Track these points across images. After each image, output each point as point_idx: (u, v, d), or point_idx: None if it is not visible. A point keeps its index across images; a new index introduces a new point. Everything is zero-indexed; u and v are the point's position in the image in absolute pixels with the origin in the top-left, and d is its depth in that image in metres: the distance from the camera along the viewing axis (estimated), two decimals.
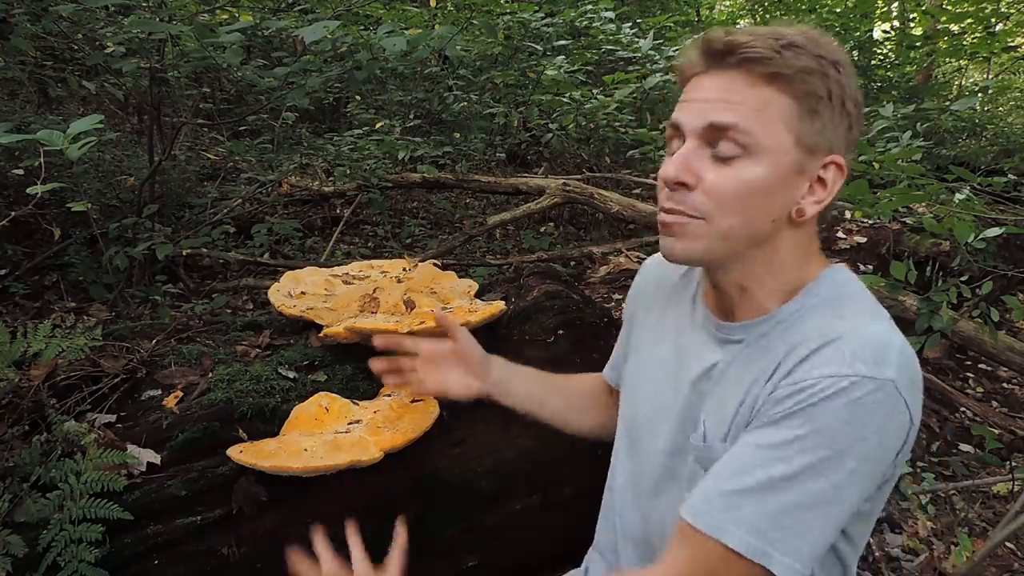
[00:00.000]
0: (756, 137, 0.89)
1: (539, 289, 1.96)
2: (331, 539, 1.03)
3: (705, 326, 1.08)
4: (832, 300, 0.96)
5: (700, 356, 1.06)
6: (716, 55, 0.92)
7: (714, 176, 0.91)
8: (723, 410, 0.99)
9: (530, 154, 6.67)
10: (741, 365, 0.99)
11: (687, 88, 0.96)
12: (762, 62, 0.88)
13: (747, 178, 0.90)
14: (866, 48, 8.18)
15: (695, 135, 0.92)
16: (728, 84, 0.90)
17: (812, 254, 1.00)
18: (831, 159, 0.93)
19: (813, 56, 0.89)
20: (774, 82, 0.89)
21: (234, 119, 4.60)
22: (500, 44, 5.21)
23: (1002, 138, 8.04)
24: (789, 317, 0.97)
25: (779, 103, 0.89)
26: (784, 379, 0.89)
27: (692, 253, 0.95)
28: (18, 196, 3.34)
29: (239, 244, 4.32)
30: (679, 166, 0.91)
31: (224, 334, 1.83)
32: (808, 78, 0.89)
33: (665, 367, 1.12)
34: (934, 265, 3.58)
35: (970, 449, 3.03)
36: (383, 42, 2.63)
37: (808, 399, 0.85)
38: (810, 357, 0.88)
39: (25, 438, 1.36)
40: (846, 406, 0.82)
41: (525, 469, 1.63)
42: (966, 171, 2.64)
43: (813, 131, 0.91)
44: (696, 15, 9.41)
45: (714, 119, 0.90)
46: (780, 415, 0.87)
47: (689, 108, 0.93)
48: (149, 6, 3.02)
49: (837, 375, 0.84)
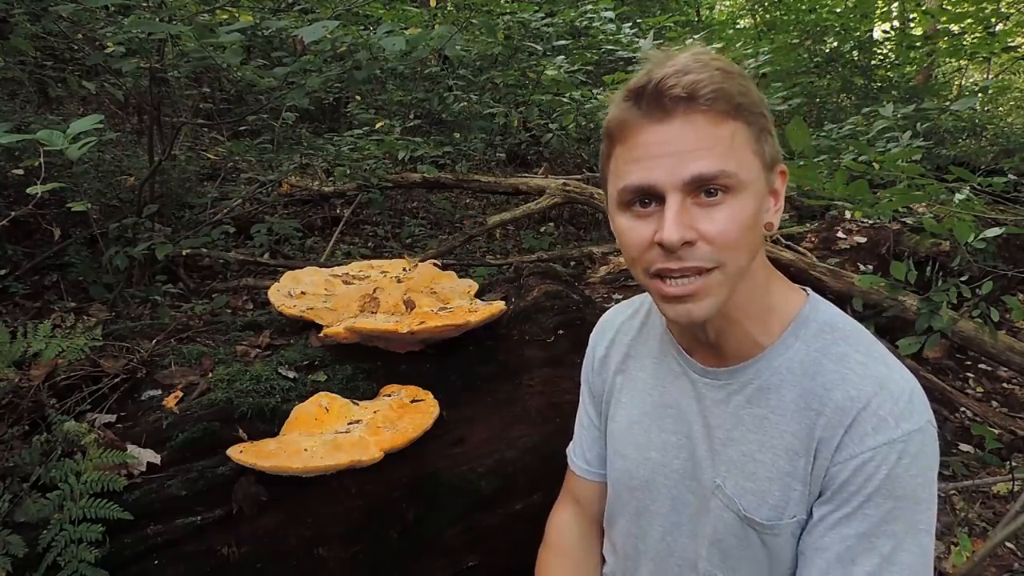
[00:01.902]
0: (738, 176, 0.88)
1: (539, 289, 1.96)
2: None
3: (686, 373, 1.07)
4: (830, 343, 0.97)
5: (692, 410, 1.06)
6: (674, 102, 0.86)
7: (710, 225, 0.88)
8: (754, 480, 0.98)
9: (530, 154, 6.67)
10: (753, 425, 0.99)
11: (636, 143, 0.89)
12: (724, 98, 0.86)
13: (741, 216, 0.89)
14: (866, 48, 8.18)
15: (676, 190, 0.87)
16: (695, 129, 0.86)
17: (768, 264, 1.02)
18: (780, 168, 0.96)
19: (737, 76, 0.89)
20: (734, 115, 0.88)
21: (234, 119, 4.60)
22: (500, 44, 5.21)
23: (1002, 138, 8.04)
24: (789, 362, 0.98)
25: (741, 133, 0.89)
26: (835, 454, 0.92)
27: (715, 307, 0.92)
28: (18, 196, 3.34)
29: (239, 244, 4.32)
30: (680, 226, 0.86)
31: (224, 334, 1.83)
32: (750, 101, 0.89)
33: (655, 423, 1.11)
34: (934, 265, 3.58)
35: (970, 449, 3.03)
36: (382, 42, 2.63)
37: (876, 472, 0.90)
38: (853, 427, 0.91)
39: (25, 438, 1.36)
40: (911, 464, 0.90)
41: (525, 469, 1.63)
42: (966, 171, 2.64)
43: (768, 149, 0.93)
44: (696, 15, 9.41)
45: (697, 171, 0.86)
46: (859, 502, 0.91)
47: (660, 165, 0.87)
48: (149, 6, 3.02)
49: (891, 441, 0.89)
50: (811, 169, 2.55)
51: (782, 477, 0.96)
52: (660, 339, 1.14)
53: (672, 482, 1.08)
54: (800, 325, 1.00)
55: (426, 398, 1.58)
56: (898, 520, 0.90)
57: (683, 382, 1.08)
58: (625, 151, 0.91)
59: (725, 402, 1.02)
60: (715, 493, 1.02)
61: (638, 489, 1.13)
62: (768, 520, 0.97)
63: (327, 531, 1.43)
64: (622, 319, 1.24)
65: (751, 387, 1.00)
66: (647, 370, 1.14)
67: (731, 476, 1.00)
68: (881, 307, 3.10)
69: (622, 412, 1.17)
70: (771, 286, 1.02)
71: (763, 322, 1.00)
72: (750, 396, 1.00)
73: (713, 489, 1.02)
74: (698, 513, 1.05)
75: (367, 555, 1.47)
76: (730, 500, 1.00)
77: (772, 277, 1.03)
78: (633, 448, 1.13)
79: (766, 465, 0.97)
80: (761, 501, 0.97)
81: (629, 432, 1.15)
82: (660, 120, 0.87)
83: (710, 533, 1.03)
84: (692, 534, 1.07)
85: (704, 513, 1.04)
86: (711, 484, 1.03)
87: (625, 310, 1.26)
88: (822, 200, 3.93)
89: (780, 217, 0.98)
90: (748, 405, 1.00)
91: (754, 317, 0.99)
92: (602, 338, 1.25)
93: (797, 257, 3.51)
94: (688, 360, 1.07)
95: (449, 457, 1.59)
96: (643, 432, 1.12)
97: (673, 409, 1.09)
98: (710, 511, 1.03)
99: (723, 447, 1.02)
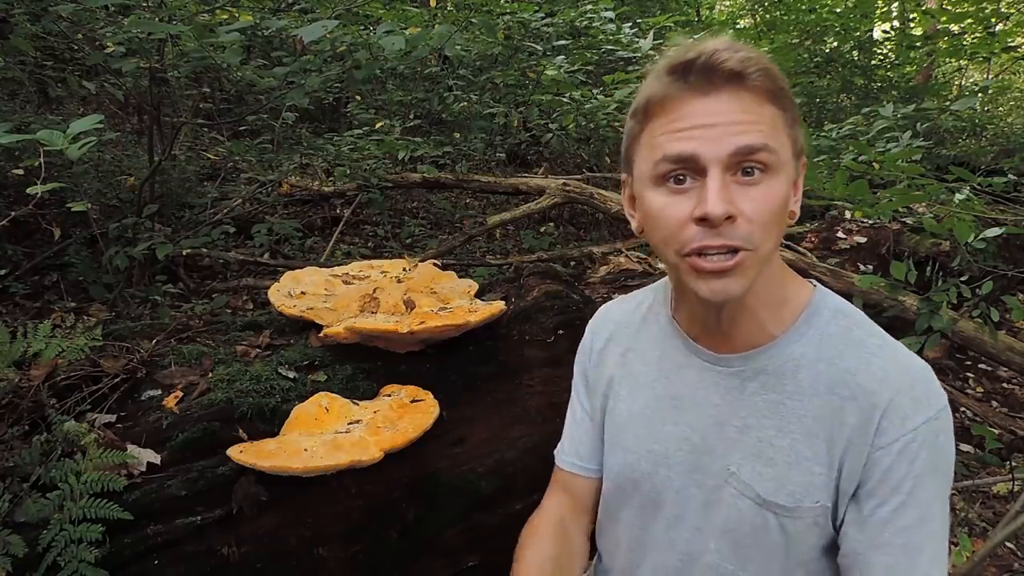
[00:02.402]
0: (778, 154, 0.88)
1: (539, 289, 1.96)
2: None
3: (693, 363, 1.07)
4: (845, 329, 0.99)
5: (700, 400, 1.05)
6: (726, 76, 0.86)
7: (749, 203, 0.87)
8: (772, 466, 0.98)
9: (530, 154, 6.67)
10: (769, 411, 0.99)
11: (678, 115, 0.88)
12: (770, 79, 0.88)
13: (777, 197, 0.89)
14: (866, 48, 8.18)
15: (719, 163, 0.86)
16: (742, 105, 0.87)
17: (779, 257, 1.03)
18: (803, 160, 0.98)
19: (774, 66, 0.91)
20: (774, 98, 0.89)
21: (234, 119, 4.59)
22: (500, 44, 5.21)
23: (1002, 138, 8.04)
24: (804, 347, 0.98)
25: (780, 117, 0.90)
26: (876, 438, 0.93)
27: (747, 286, 0.91)
28: (18, 196, 3.35)
29: (239, 244, 4.32)
30: (724, 199, 0.85)
31: (224, 334, 1.83)
32: (788, 89, 0.92)
33: (657, 414, 1.10)
34: (934, 265, 3.58)
35: (970, 449, 3.03)
36: (382, 41, 2.63)
37: (919, 453, 0.92)
38: (891, 410, 0.92)
39: (25, 438, 1.36)
40: (947, 440, 0.94)
41: (525, 469, 1.63)
42: (966, 171, 2.64)
43: (800, 138, 0.94)
44: (696, 15, 9.41)
45: (742, 143, 0.86)
46: (909, 487, 0.92)
47: (704, 136, 0.86)
48: (149, 6, 3.02)
49: (927, 419, 0.92)
50: (811, 169, 2.55)
51: (802, 462, 0.96)
52: (664, 331, 1.13)
53: (676, 474, 1.07)
54: (813, 313, 1.00)
55: (426, 398, 1.58)
56: (939, 498, 0.93)
57: (689, 373, 1.07)
58: (664, 124, 0.90)
59: (739, 389, 1.01)
60: (728, 481, 1.01)
61: (639, 482, 1.11)
62: (790, 503, 0.97)
63: (327, 531, 1.43)
64: (623, 313, 1.22)
65: (765, 374, 1.00)
66: (650, 363, 1.13)
67: (747, 463, 0.99)
68: (881, 307, 3.10)
69: (622, 405, 1.16)
70: (784, 277, 1.03)
71: (776, 311, 1.00)
72: (764, 382, 1.00)
73: (726, 477, 1.01)
74: (705, 505, 1.04)
75: (367, 555, 1.47)
76: (746, 486, 0.99)
77: (785, 269, 1.04)
78: (634, 441, 1.12)
79: (784, 451, 0.97)
80: (780, 486, 0.97)
81: (630, 425, 1.14)
82: (707, 93, 0.87)
83: (721, 524, 1.02)
84: (697, 527, 1.05)
85: (713, 504, 1.03)
86: (723, 473, 1.01)
87: (627, 304, 1.24)
88: (822, 200, 3.92)
89: (798, 208, 0.99)
90: (763, 391, 0.99)
91: (769, 306, 0.99)
92: (602, 329, 1.24)
93: (797, 257, 3.51)
94: (696, 349, 1.06)
95: (449, 457, 1.59)
96: (645, 425, 1.11)
97: (678, 401, 1.08)
98: (721, 501, 1.02)
99: (739, 434, 1.01)
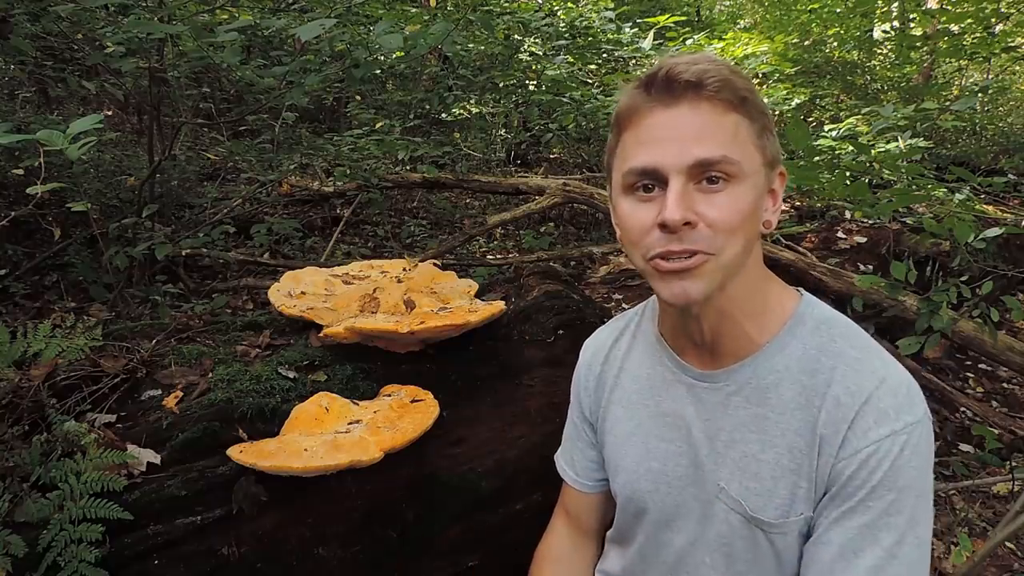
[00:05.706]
0: (740, 165, 0.90)
1: (539, 289, 1.96)
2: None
3: (680, 379, 1.07)
4: (827, 340, 0.98)
5: (690, 416, 1.06)
6: (683, 87, 0.89)
7: (710, 209, 0.89)
8: (758, 480, 0.99)
9: (530, 154, 6.68)
10: (754, 425, 0.99)
11: (643, 125, 0.92)
12: (729, 89, 0.89)
13: (740, 204, 0.90)
14: (866, 48, 8.18)
15: (680, 173, 0.89)
16: (700, 116, 0.89)
17: (764, 267, 1.04)
18: (780, 169, 0.99)
19: (743, 77, 0.93)
20: (739, 107, 0.91)
21: (234, 119, 4.59)
22: (500, 44, 5.21)
23: (1002, 138, 8.04)
24: (787, 359, 0.98)
25: (744, 126, 0.92)
26: (840, 450, 0.93)
27: (709, 289, 0.92)
28: (18, 196, 3.35)
29: (239, 244, 4.32)
30: (682, 206, 0.88)
31: (224, 334, 1.83)
32: (754, 98, 0.93)
33: (652, 432, 1.11)
34: (934, 265, 3.58)
35: (970, 449, 3.03)
36: (380, 39, 2.62)
37: (879, 465, 0.91)
38: (856, 421, 0.92)
39: (25, 438, 1.36)
40: (912, 456, 0.91)
41: (525, 469, 1.63)
42: (966, 171, 2.64)
43: (770, 147, 0.95)
44: (696, 15, 9.41)
45: (701, 155, 0.88)
46: (862, 495, 0.92)
47: (665, 148, 0.90)
48: (149, 6, 3.02)
49: (892, 433, 0.91)
50: (811, 169, 2.55)
51: (787, 475, 0.96)
52: (652, 348, 1.14)
53: (675, 490, 1.08)
54: (796, 323, 1.00)
55: (426, 398, 1.58)
56: (900, 512, 0.91)
57: (678, 388, 1.08)
58: (632, 135, 0.94)
59: (724, 404, 1.02)
60: (719, 496, 1.02)
61: (642, 500, 1.12)
62: (775, 519, 0.97)
63: (327, 531, 1.43)
64: (613, 338, 1.24)
65: (749, 387, 1.00)
66: (640, 381, 1.15)
67: (735, 478, 1.00)
68: (881, 307, 3.10)
69: (619, 426, 1.17)
70: (768, 287, 1.03)
71: (759, 321, 1.01)
72: (748, 396, 1.00)
73: (717, 492, 1.02)
74: (702, 519, 1.05)
75: (367, 555, 1.46)
76: (735, 502, 1.00)
77: (769, 279, 1.04)
78: (632, 460, 1.13)
79: (770, 464, 0.98)
80: (767, 501, 0.98)
81: (627, 444, 1.15)
82: (668, 104, 0.90)
83: (715, 538, 1.03)
84: (694, 542, 1.06)
85: (708, 519, 1.04)
86: (714, 488, 1.02)
87: (615, 327, 1.26)
88: (822, 200, 3.93)
89: (779, 218, 1.00)
90: (747, 405, 1.00)
91: (751, 316, 1.00)
92: (595, 359, 1.25)
93: (797, 257, 3.51)
94: (682, 365, 1.07)
95: (449, 457, 1.59)
96: (641, 443, 1.12)
97: (670, 417, 1.09)
98: (715, 515, 1.03)
99: (725, 449, 1.01)
